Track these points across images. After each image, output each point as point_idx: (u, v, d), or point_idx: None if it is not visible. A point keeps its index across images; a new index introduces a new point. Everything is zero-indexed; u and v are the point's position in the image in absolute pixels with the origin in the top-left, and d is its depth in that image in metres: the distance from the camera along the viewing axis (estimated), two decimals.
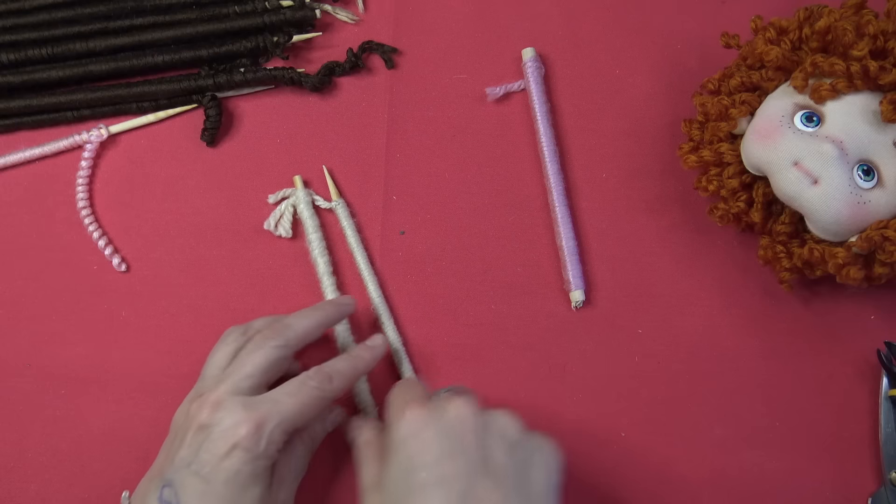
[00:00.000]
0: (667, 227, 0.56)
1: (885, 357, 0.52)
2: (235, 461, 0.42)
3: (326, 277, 0.54)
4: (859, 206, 0.46)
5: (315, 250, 0.55)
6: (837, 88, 0.47)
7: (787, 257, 0.50)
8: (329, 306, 0.51)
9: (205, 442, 0.43)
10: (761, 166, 0.49)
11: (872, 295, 0.54)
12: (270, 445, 0.43)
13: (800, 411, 0.53)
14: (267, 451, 0.43)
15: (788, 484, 0.51)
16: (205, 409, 0.43)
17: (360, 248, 0.55)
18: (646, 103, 0.59)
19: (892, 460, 0.50)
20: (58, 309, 0.55)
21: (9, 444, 0.53)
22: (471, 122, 0.59)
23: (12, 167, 0.58)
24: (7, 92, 0.58)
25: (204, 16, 0.59)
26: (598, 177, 0.57)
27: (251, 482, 0.43)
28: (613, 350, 0.54)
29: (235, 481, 0.42)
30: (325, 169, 0.57)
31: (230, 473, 0.42)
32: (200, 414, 0.43)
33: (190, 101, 0.59)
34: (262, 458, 0.43)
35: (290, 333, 0.47)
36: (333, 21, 0.61)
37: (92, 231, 0.56)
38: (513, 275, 0.55)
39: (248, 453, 0.42)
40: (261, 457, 0.43)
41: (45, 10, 0.59)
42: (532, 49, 0.59)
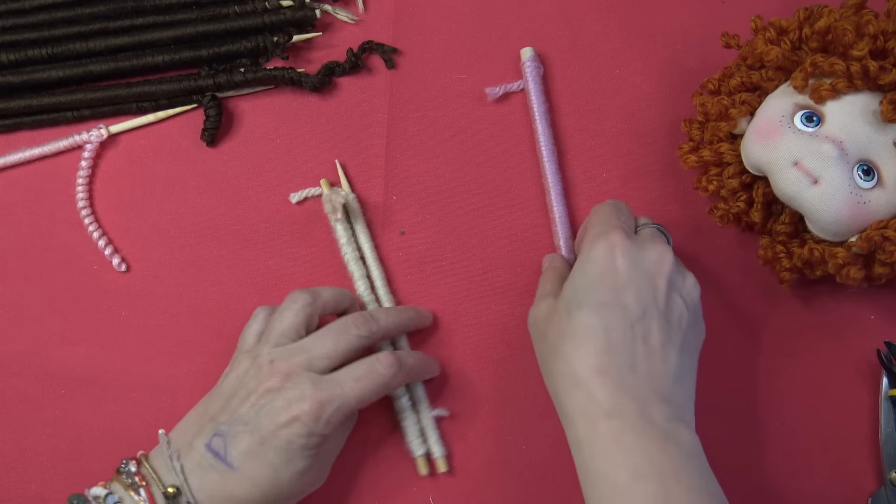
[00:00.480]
0: (667, 226, 0.56)
1: (885, 357, 0.52)
2: (292, 432, 0.44)
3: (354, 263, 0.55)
4: (859, 206, 0.46)
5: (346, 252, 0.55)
6: (837, 88, 0.47)
7: (787, 257, 0.50)
8: (412, 311, 0.53)
9: (267, 406, 0.44)
10: (761, 166, 0.49)
11: (872, 295, 0.54)
12: (328, 426, 0.45)
13: (800, 411, 0.53)
14: (324, 429, 0.44)
15: (788, 484, 0.51)
16: (276, 376, 0.45)
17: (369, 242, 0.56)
18: (646, 103, 0.59)
19: (892, 460, 0.50)
20: (58, 309, 0.55)
21: (9, 444, 0.53)
22: (471, 122, 0.59)
23: (12, 167, 0.58)
24: (7, 92, 0.58)
25: (204, 16, 0.59)
26: (598, 177, 0.57)
27: (300, 455, 0.44)
28: None
29: (287, 451, 0.44)
30: (337, 163, 0.57)
31: (284, 442, 0.44)
32: (271, 380, 0.45)
33: (190, 101, 0.59)
34: (316, 436, 0.44)
35: (375, 327, 0.49)
36: (333, 21, 0.61)
37: (92, 231, 0.56)
38: (513, 275, 0.55)
39: (306, 428, 0.44)
40: (316, 434, 0.44)
41: (45, 10, 0.59)
42: (531, 49, 0.58)
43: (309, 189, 0.56)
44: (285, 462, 0.44)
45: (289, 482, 0.44)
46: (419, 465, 0.52)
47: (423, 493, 0.52)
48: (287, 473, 0.44)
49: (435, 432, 0.52)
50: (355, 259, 0.55)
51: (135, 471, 0.44)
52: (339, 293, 0.51)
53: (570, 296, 0.45)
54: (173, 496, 0.43)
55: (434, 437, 0.52)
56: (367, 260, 0.55)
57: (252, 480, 0.43)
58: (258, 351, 0.47)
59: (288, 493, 0.45)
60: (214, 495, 0.43)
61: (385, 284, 0.55)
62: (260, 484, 0.44)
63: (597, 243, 0.45)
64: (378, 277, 0.55)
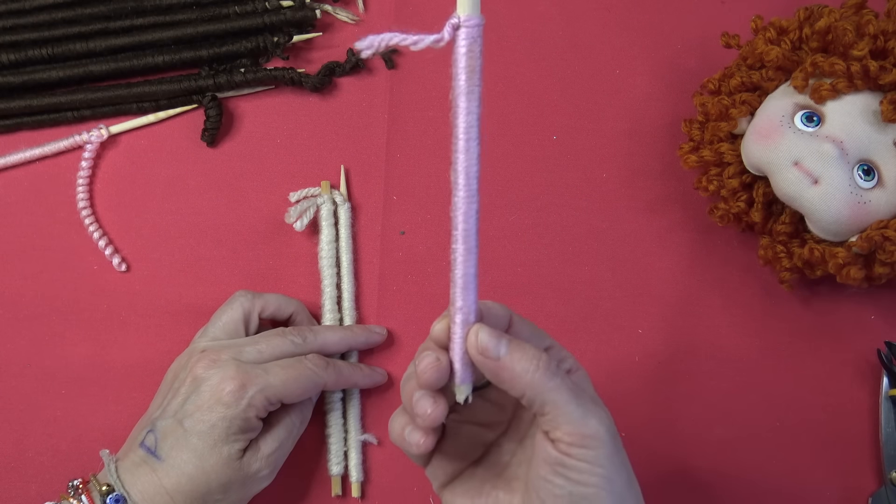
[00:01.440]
0: (667, 227, 0.56)
1: (885, 357, 0.52)
2: (214, 415, 0.44)
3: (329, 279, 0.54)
4: (859, 206, 0.46)
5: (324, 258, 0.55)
6: (838, 88, 0.47)
7: (787, 257, 0.50)
8: (360, 331, 0.53)
9: (193, 394, 0.45)
10: (761, 166, 0.49)
11: (872, 295, 0.54)
12: (250, 408, 0.44)
13: (800, 411, 0.53)
14: (246, 412, 0.44)
15: (788, 484, 0.51)
16: (202, 363, 0.46)
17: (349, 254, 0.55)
18: (646, 103, 0.59)
19: (892, 460, 0.50)
20: (58, 309, 0.55)
21: (9, 444, 0.53)
22: None
23: (12, 167, 0.58)
24: (7, 92, 0.58)
25: (204, 16, 0.59)
26: (598, 177, 0.57)
27: (223, 440, 0.44)
28: (613, 350, 0.54)
29: (210, 435, 0.44)
30: (342, 169, 0.57)
31: (206, 427, 0.44)
32: (197, 367, 0.46)
33: (190, 101, 0.59)
34: (239, 419, 0.44)
35: (311, 337, 0.50)
36: (333, 21, 0.61)
37: (92, 231, 0.56)
38: (513, 274, 0.55)
39: (228, 409, 0.44)
40: (238, 417, 0.44)
41: (45, 10, 0.59)
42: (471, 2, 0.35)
43: (308, 189, 0.56)
44: (209, 448, 0.44)
45: (215, 469, 0.44)
46: (333, 484, 0.52)
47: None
48: (212, 460, 0.44)
49: (358, 456, 0.52)
50: (329, 265, 0.54)
51: (79, 483, 0.45)
52: (285, 299, 0.52)
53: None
54: (107, 493, 0.43)
55: (356, 461, 0.52)
56: (342, 270, 0.55)
57: (178, 469, 0.44)
58: (194, 345, 0.49)
59: (218, 482, 0.44)
60: (146, 489, 0.43)
61: (352, 298, 0.55)
62: (186, 471, 0.43)
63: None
64: (347, 290, 0.55)
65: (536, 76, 0.60)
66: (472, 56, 0.35)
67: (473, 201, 0.37)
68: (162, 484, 0.44)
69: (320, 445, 0.52)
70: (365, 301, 0.55)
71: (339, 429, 0.52)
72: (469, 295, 0.36)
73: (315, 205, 0.55)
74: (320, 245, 0.55)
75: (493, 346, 0.35)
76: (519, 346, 0.35)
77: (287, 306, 0.52)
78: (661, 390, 0.53)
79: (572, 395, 0.34)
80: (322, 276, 0.54)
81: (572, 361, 0.39)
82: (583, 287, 0.55)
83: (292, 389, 0.46)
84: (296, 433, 0.49)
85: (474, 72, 0.36)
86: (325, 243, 0.55)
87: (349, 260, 0.55)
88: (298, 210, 0.55)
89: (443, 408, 0.36)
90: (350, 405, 0.52)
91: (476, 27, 0.35)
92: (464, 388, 0.37)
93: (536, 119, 0.59)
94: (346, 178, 0.57)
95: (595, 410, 0.35)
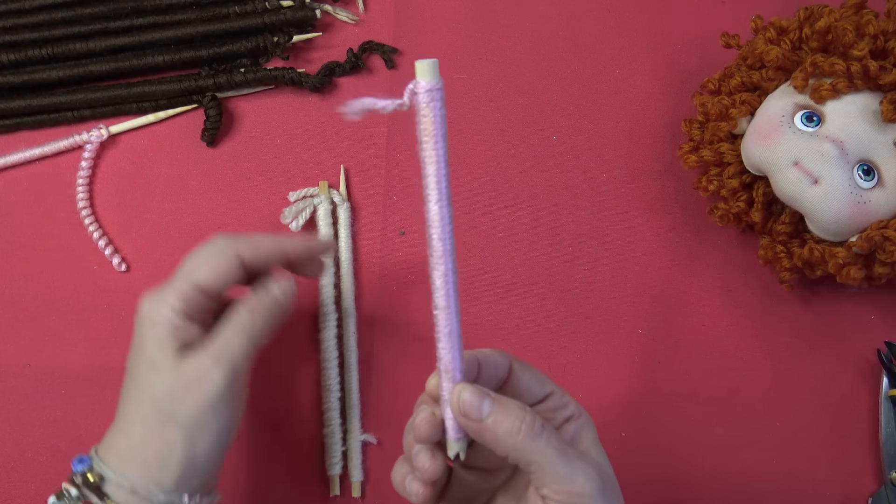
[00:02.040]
0: (667, 227, 0.56)
1: (885, 357, 0.52)
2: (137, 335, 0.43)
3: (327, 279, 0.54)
4: (859, 206, 0.46)
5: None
6: (838, 88, 0.47)
7: (787, 257, 0.50)
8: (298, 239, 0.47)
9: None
10: (761, 166, 0.49)
11: (872, 295, 0.54)
12: (164, 304, 0.42)
13: (800, 411, 0.53)
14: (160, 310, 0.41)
15: (788, 484, 0.51)
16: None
17: (349, 254, 0.55)
18: (646, 103, 0.59)
19: (892, 460, 0.50)
20: (58, 309, 0.55)
21: (9, 444, 0.53)
22: (471, 122, 0.59)
23: (12, 167, 0.58)
24: (7, 92, 0.58)
25: (204, 16, 0.59)
26: (598, 177, 0.57)
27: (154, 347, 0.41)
28: (613, 350, 0.54)
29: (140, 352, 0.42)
30: (342, 168, 0.57)
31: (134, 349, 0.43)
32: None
33: (190, 101, 0.59)
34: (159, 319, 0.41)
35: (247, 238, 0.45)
36: (333, 21, 0.61)
37: (92, 231, 0.56)
38: (513, 275, 0.55)
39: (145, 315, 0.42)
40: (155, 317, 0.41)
41: (45, 10, 0.59)
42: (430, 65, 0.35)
43: (308, 188, 0.56)
44: (144, 362, 0.42)
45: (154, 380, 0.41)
46: (332, 484, 0.51)
47: None
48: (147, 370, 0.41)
49: (358, 456, 0.52)
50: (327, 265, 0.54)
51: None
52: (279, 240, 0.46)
53: None
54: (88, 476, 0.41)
55: (355, 461, 0.51)
56: (341, 270, 0.55)
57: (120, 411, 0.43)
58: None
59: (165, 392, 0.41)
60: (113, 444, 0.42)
61: (351, 298, 0.54)
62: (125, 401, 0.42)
63: None
64: (347, 290, 0.54)
65: (536, 76, 0.60)
66: (431, 119, 0.35)
67: (450, 260, 0.36)
68: (118, 428, 0.42)
69: (319, 445, 0.52)
70: (365, 301, 0.55)
71: (337, 429, 0.52)
72: (453, 353, 0.36)
73: (312, 205, 0.55)
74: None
75: (475, 408, 0.35)
76: (503, 406, 0.35)
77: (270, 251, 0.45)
78: (661, 390, 0.53)
79: (558, 454, 0.34)
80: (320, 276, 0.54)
81: (574, 407, 0.38)
82: (583, 287, 0.55)
83: (203, 271, 0.42)
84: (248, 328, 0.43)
85: (435, 135, 0.35)
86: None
87: (349, 259, 0.55)
88: (294, 210, 0.55)
89: (440, 463, 0.36)
90: (349, 404, 0.52)
91: (434, 92, 0.34)
92: (456, 444, 0.37)
93: (536, 119, 0.59)
94: (345, 178, 0.57)
95: (582, 467, 0.34)
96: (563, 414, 0.38)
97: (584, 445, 0.38)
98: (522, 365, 0.39)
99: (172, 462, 0.40)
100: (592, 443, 0.38)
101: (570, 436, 0.38)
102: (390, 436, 0.52)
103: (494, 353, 0.38)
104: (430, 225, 0.36)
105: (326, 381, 0.52)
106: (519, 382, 0.38)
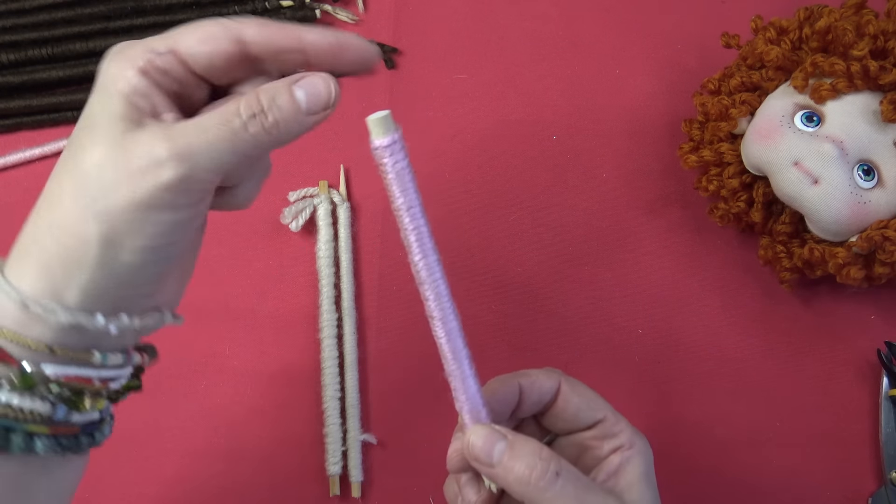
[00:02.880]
0: (667, 227, 0.56)
1: (885, 357, 0.52)
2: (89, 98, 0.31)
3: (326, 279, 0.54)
4: (859, 206, 0.46)
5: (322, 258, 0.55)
6: (838, 88, 0.47)
7: (787, 257, 0.50)
8: (324, 29, 0.33)
9: None
10: (761, 166, 0.49)
11: (872, 295, 0.54)
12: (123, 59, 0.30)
13: (800, 411, 0.53)
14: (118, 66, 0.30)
15: (788, 484, 0.51)
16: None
17: (348, 254, 0.55)
18: (646, 103, 0.59)
19: (892, 460, 0.50)
20: None
21: None
22: (471, 122, 0.59)
23: (12, 167, 0.58)
24: (7, 92, 0.58)
25: (204, 16, 0.59)
26: (598, 177, 0.57)
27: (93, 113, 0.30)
28: (613, 350, 0.54)
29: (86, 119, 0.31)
30: (342, 168, 0.57)
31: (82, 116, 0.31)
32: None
33: None
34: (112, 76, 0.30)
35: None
36: (333, 21, 0.61)
37: None
38: (513, 275, 0.55)
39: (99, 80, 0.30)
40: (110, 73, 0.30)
41: (45, 10, 0.59)
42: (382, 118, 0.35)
43: (308, 188, 0.56)
44: (82, 138, 0.31)
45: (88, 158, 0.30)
46: (332, 484, 0.51)
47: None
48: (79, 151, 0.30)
49: (357, 456, 0.51)
50: (327, 265, 0.54)
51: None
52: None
53: None
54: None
55: (355, 461, 0.51)
56: (341, 270, 0.55)
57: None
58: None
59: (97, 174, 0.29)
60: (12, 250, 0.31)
61: (351, 298, 0.54)
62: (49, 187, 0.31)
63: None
64: (346, 290, 0.54)
65: (536, 76, 0.60)
66: (394, 175, 0.35)
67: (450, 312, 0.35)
68: (25, 224, 0.31)
69: (319, 445, 0.52)
70: (365, 301, 0.55)
71: (336, 428, 0.51)
72: (469, 395, 0.35)
73: (312, 205, 0.55)
74: (318, 245, 0.55)
75: (485, 453, 0.33)
76: (515, 451, 0.33)
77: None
78: (661, 390, 0.53)
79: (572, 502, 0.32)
80: (320, 276, 0.54)
81: (626, 437, 0.36)
82: (583, 287, 0.55)
83: (187, 35, 0.31)
84: (235, 126, 0.31)
85: (403, 189, 0.35)
86: (323, 243, 0.54)
87: (348, 259, 0.55)
88: (294, 210, 0.55)
89: (486, 496, 0.35)
90: (348, 403, 0.52)
91: (392, 146, 0.34)
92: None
93: (536, 119, 0.59)
94: (345, 178, 0.57)
95: None
96: (612, 444, 0.36)
97: (627, 480, 0.36)
98: (574, 386, 0.37)
99: (83, 265, 0.29)
100: (638, 478, 0.36)
101: (612, 468, 0.36)
102: (390, 436, 0.52)
103: (542, 373, 0.36)
104: (420, 282, 0.35)
105: (326, 381, 0.52)
106: (567, 406, 0.37)
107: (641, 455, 0.36)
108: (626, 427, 0.37)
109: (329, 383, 0.52)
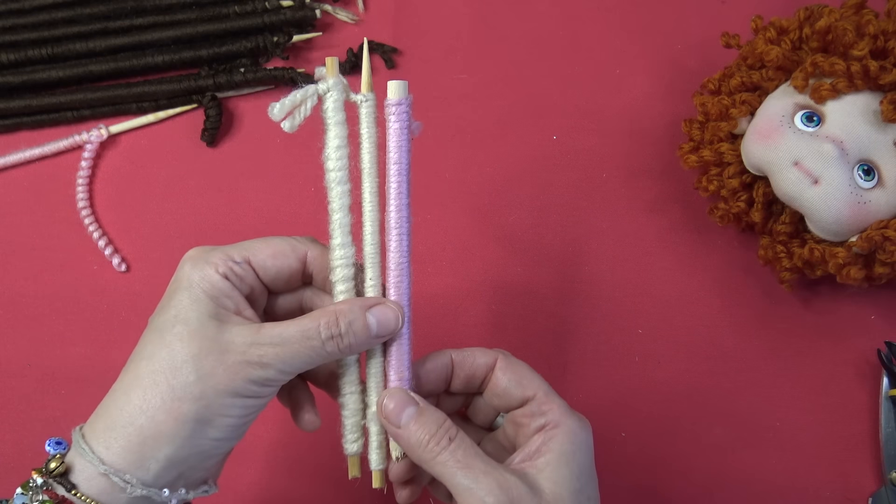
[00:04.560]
0: (667, 227, 0.56)
1: (885, 357, 0.52)
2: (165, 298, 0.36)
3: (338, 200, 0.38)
4: (859, 206, 0.46)
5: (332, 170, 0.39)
6: (838, 88, 0.47)
7: (787, 257, 0.50)
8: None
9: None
10: (761, 166, 0.49)
11: (872, 295, 0.54)
12: (208, 265, 0.35)
13: (800, 411, 0.53)
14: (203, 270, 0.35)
15: (788, 484, 0.51)
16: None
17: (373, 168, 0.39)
18: (646, 103, 0.59)
19: (892, 460, 0.50)
20: (58, 309, 0.55)
21: (9, 444, 0.53)
22: (471, 122, 0.59)
23: (12, 167, 0.58)
24: (7, 92, 0.58)
25: (204, 16, 0.59)
26: (599, 177, 0.57)
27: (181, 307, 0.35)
28: (613, 350, 0.54)
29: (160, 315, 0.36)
30: (364, 41, 0.43)
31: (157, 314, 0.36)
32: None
33: (190, 101, 0.59)
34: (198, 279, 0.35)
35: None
36: (333, 21, 0.61)
37: (92, 231, 0.56)
38: (513, 275, 0.55)
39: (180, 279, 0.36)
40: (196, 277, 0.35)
41: (45, 10, 0.59)
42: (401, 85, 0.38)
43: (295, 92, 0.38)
44: (168, 326, 0.35)
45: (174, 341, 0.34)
46: (350, 465, 0.40)
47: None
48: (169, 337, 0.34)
49: (379, 435, 0.39)
50: (339, 181, 0.38)
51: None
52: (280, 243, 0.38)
53: None
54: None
55: (376, 443, 0.39)
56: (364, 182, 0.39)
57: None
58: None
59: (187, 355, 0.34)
60: (95, 416, 0.36)
61: (375, 223, 0.39)
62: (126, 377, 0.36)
63: None
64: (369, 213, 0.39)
65: (536, 76, 0.60)
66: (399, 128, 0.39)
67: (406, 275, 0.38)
68: (111, 397, 0.35)
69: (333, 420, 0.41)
70: None
71: (355, 398, 0.39)
72: (400, 357, 0.38)
73: (315, 93, 0.38)
74: (326, 151, 0.39)
75: (395, 414, 0.36)
76: (421, 417, 0.36)
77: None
78: (661, 390, 0.53)
79: (460, 467, 0.35)
80: (329, 197, 0.38)
81: (554, 416, 0.37)
82: (583, 287, 0.55)
83: (258, 247, 0.37)
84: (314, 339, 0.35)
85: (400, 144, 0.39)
86: (332, 149, 0.38)
87: (372, 162, 0.39)
88: (288, 103, 0.37)
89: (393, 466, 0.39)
90: (371, 366, 0.39)
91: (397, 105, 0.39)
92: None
93: (536, 119, 0.59)
94: (368, 65, 0.40)
95: (485, 483, 0.34)
96: (537, 422, 0.37)
97: (544, 459, 0.36)
98: (510, 364, 0.38)
99: (174, 439, 0.33)
100: (557, 458, 0.35)
101: (533, 447, 0.36)
102: None
103: (478, 350, 0.38)
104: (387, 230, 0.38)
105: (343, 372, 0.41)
106: (497, 382, 0.38)
107: (566, 435, 0.36)
108: (558, 407, 0.37)
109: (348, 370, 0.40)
